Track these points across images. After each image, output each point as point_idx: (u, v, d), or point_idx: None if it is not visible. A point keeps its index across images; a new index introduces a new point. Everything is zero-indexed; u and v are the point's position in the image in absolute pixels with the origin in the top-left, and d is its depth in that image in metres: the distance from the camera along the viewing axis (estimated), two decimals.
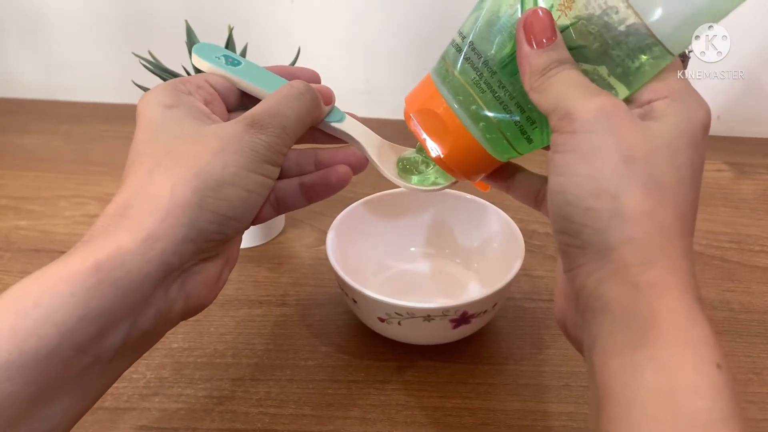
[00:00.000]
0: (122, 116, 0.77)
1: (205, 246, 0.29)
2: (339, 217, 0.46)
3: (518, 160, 0.34)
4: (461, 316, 0.40)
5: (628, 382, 0.23)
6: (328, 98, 0.36)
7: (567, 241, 0.26)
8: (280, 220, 0.56)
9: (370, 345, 0.45)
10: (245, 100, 0.35)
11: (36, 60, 0.80)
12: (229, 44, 0.47)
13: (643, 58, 0.27)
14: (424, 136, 0.33)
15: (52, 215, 0.58)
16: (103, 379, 0.28)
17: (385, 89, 0.75)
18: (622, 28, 0.26)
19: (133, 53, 0.47)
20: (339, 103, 0.36)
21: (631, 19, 0.26)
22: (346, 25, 0.73)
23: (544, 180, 0.34)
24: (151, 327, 0.28)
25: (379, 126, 0.37)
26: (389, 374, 0.43)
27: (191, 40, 0.47)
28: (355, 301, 0.42)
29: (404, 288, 0.49)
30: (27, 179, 0.64)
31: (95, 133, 0.74)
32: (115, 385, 0.41)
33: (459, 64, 0.30)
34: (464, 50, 0.30)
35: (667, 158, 0.25)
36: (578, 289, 0.26)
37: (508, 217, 0.46)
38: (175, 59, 0.48)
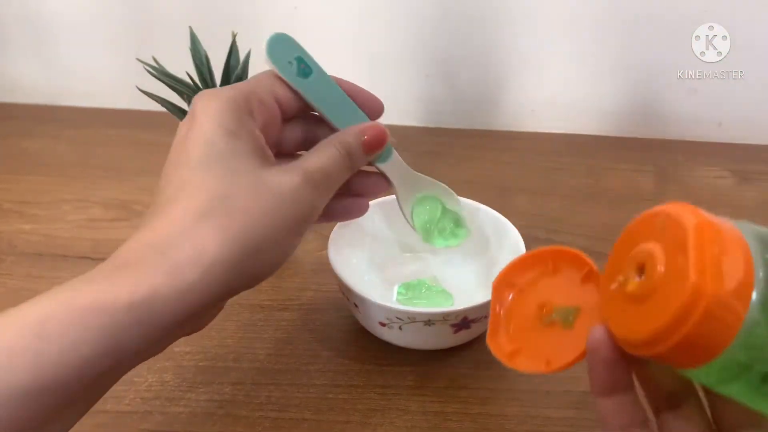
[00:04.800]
0: (126, 121, 0.77)
1: (227, 297, 0.30)
2: (340, 222, 0.46)
3: None
4: (462, 321, 0.40)
5: None
6: (381, 143, 0.36)
7: None
8: None
9: (372, 350, 0.45)
10: (303, 111, 0.35)
11: (40, 65, 0.80)
12: (233, 50, 0.47)
13: None
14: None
15: (56, 219, 0.59)
16: (101, 393, 0.29)
17: (388, 95, 0.75)
18: None
19: (137, 59, 0.48)
20: None
21: None
22: (349, 31, 0.74)
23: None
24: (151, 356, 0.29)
25: None
26: (390, 379, 0.43)
27: (195, 45, 0.48)
28: (356, 306, 0.42)
29: None
30: (30, 183, 0.65)
31: (99, 138, 0.74)
32: (116, 388, 0.41)
33: None
34: None
35: None
36: None
37: (509, 223, 0.47)
38: (179, 65, 0.48)
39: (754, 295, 0.21)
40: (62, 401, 0.25)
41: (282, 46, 0.33)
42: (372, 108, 0.37)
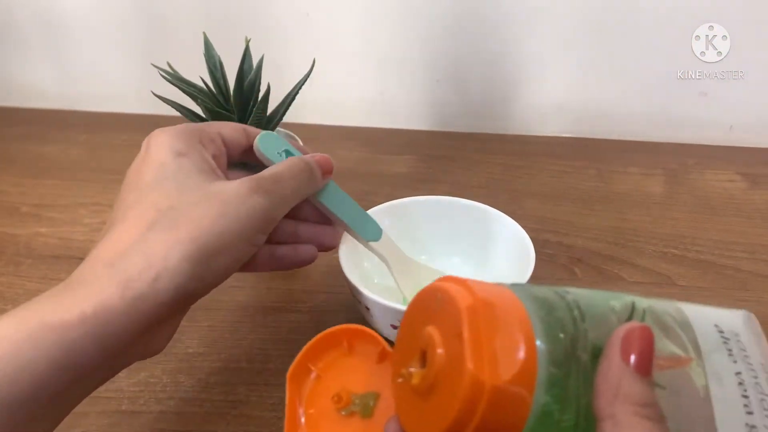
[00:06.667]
0: (141, 126, 0.78)
1: (183, 307, 0.30)
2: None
3: None
4: None
5: None
6: (328, 169, 0.38)
7: None
8: None
9: None
10: (246, 156, 0.37)
11: (56, 71, 0.82)
12: (246, 56, 0.48)
13: None
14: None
15: (72, 222, 0.60)
16: (66, 411, 0.28)
17: (397, 100, 0.76)
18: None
19: (152, 64, 0.49)
20: (353, 113, 0.37)
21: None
22: (360, 36, 0.74)
23: None
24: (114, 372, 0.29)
25: (392, 136, 0.38)
26: None
27: (209, 51, 0.48)
28: (367, 309, 0.42)
29: None
30: (47, 187, 0.66)
31: (114, 142, 0.75)
32: (131, 389, 0.42)
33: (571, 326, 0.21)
34: (579, 325, 0.21)
35: None
36: None
37: (519, 227, 0.47)
38: (193, 70, 0.49)
39: (538, 374, 0.19)
40: (20, 419, 0.25)
41: (271, 140, 0.38)
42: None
